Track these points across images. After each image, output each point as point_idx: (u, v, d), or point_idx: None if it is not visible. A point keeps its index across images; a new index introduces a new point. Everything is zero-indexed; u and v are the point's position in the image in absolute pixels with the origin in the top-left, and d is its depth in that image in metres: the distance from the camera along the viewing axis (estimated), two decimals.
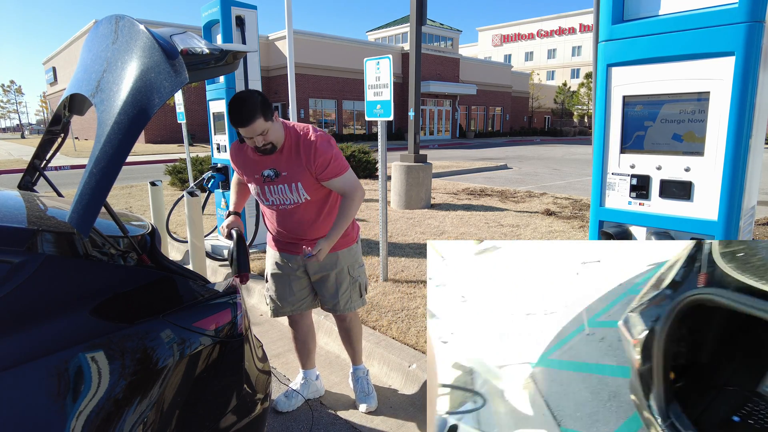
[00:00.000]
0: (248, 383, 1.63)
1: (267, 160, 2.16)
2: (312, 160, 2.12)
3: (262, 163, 2.18)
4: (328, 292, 2.41)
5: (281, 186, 2.18)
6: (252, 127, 1.97)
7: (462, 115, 38.48)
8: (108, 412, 1.19)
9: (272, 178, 2.17)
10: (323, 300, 2.46)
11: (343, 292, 2.40)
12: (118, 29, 1.49)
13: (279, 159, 2.16)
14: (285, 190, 2.18)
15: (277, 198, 2.21)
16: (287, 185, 2.17)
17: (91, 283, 1.34)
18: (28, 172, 2.22)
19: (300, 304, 2.46)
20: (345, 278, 2.40)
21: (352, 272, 2.42)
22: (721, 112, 1.74)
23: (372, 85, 3.90)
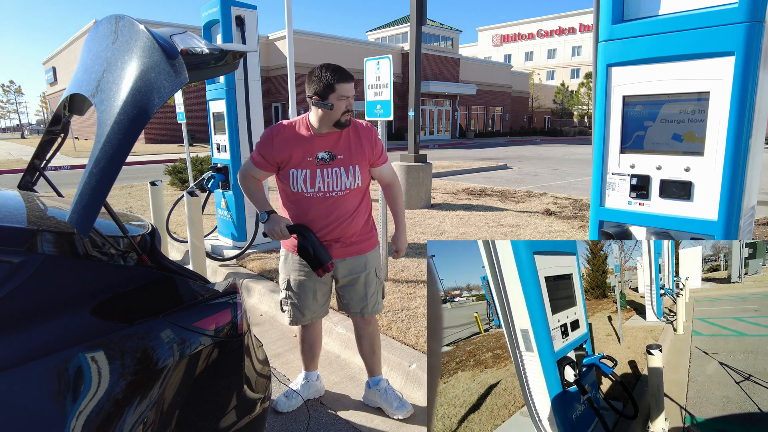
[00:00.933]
0: (248, 383, 1.63)
1: (321, 142, 2.11)
2: (373, 145, 2.20)
3: (317, 144, 2.11)
4: (357, 295, 2.33)
5: (337, 169, 2.11)
6: (353, 84, 2.07)
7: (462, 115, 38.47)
8: (108, 412, 1.19)
9: (326, 160, 2.10)
10: (350, 304, 2.37)
11: (371, 295, 2.35)
12: (118, 29, 1.49)
13: (335, 141, 2.13)
14: (341, 174, 2.12)
15: (330, 183, 2.12)
16: (344, 168, 2.12)
17: (91, 283, 1.34)
18: (28, 172, 2.22)
19: (321, 311, 2.40)
20: (373, 280, 2.35)
21: (378, 273, 2.40)
22: (721, 112, 1.74)
23: (372, 85, 3.90)
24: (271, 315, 3.83)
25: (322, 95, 2.01)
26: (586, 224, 6.24)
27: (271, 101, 28.72)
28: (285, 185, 2.17)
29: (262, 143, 2.14)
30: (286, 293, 2.35)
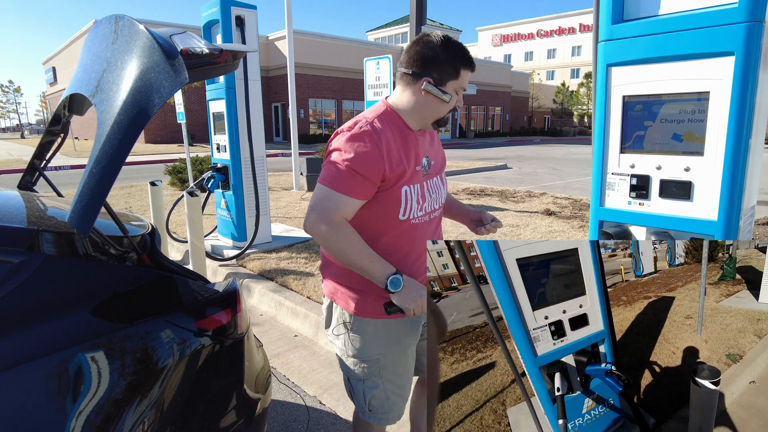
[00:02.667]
0: (248, 383, 1.63)
1: (421, 144, 1.53)
2: (441, 147, 1.72)
3: (420, 147, 1.52)
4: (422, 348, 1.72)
5: (436, 179, 1.60)
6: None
7: (462, 115, 38.47)
8: (108, 412, 1.19)
9: (426, 170, 1.54)
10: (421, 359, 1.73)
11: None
12: (117, 29, 1.49)
13: (429, 143, 1.60)
14: (439, 186, 1.62)
15: (434, 200, 1.57)
16: (439, 178, 1.62)
17: (91, 283, 1.34)
18: (28, 172, 2.22)
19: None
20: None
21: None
22: (720, 112, 1.74)
23: (372, 84, 3.90)
24: (271, 315, 3.83)
25: (440, 80, 1.41)
26: (586, 224, 6.24)
27: (271, 101, 28.72)
28: (385, 210, 1.44)
29: (367, 159, 1.35)
30: (381, 384, 1.56)
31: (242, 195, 4.92)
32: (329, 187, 1.36)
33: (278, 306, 3.82)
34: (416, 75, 1.41)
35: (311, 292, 3.86)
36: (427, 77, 1.40)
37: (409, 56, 1.42)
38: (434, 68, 1.40)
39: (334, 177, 1.36)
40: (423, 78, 1.40)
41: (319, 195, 1.37)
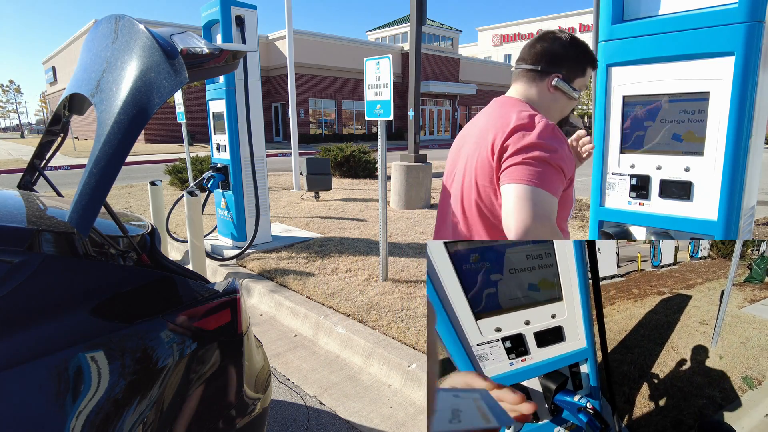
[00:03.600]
0: (248, 383, 1.63)
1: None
2: None
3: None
4: None
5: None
6: None
7: (462, 115, 38.46)
8: (108, 412, 1.19)
9: None
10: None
11: None
12: (117, 29, 1.49)
13: None
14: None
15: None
16: None
17: (91, 283, 1.34)
18: (27, 171, 2.22)
19: None
20: None
21: None
22: (720, 112, 1.74)
23: (372, 84, 3.90)
24: (271, 315, 3.83)
25: (568, 77, 1.36)
26: (585, 224, 6.23)
27: (271, 101, 28.71)
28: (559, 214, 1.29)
29: (567, 155, 1.23)
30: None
31: (242, 195, 4.92)
32: (542, 188, 1.14)
33: (278, 306, 3.82)
34: (544, 72, 1.35)
35: (311, 292, 3.86)
36: (556, 74, 1.35)
37: (534, 52, 1.36)
38: (563, 65, 1.35)
39: (543, 176, 1.15)
40: (553, 74, 1.35)
41: (534, 198, 1.12)
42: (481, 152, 1.27)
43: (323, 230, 5.93)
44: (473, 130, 1.38)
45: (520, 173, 1.15)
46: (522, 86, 1.39)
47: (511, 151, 1.19)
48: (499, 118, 1.28)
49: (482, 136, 1.29)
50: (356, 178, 11.29)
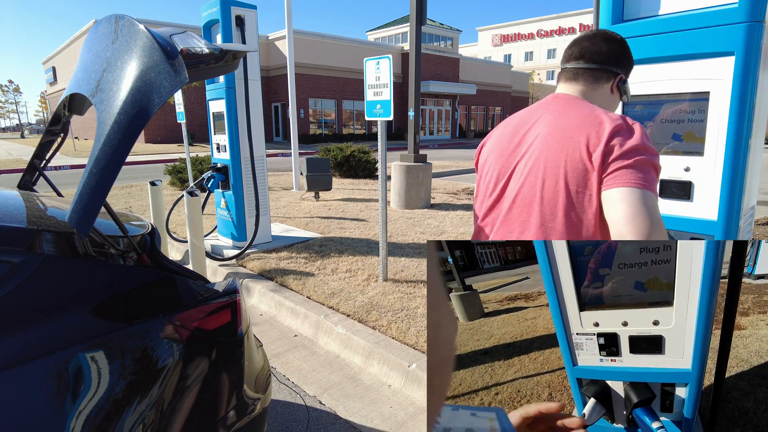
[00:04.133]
0: (248, 383, 1.63)
1: None
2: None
3: None
4: None
5: None
6: None
7: (462, 115, 38.47)
8: (108, 412, 1.19)
9: None
10: None
11: None
12: (117, 29, 1.49)
13: None
14: None
15: None
16: None
17: (91, 283, 1.34)
18: (27, 171, 2.22)
19: None
20: None
21: None
22: (720, 112, 1.74)
23: (372, 84, 3.90)
24: (271, 315, 3.83)
25: (625, 79, 1.37)
26: None
27: (271, 101, 28.71)
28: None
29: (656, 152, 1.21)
30: None
31: (242, 195, 4.92)
32: (653, 192, 1.10)
33: (278, 306, 3.82)
34: (610, 72, 1.32)
35: (311, 292, 3.86)
36: (621, 74, 1.33)
37: (601, 52, 1.32)
38: (624, 66, 1.34)
39: (653, 180, 1.11)
40: (618, 75, 1.33)
41: (649, 203, 1.07)
42: (571, 155, 1.18)
43: (323, 230, 5.93)
44: (543, 129, 1.26)
45: (633, 176, 1.09)
46: (584, 86, 1.34)
47: (616, 154, 1.12)
48: (585, 122, 1.20)
49: (567, 137, 1.20)
50: (356, 178, 11.30)
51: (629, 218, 1.03)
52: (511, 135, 1.33)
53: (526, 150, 1.26)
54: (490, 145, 1.39)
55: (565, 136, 1.20)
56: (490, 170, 1.35)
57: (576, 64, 1.33)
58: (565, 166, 1.17)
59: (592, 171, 1.13)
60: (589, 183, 1.14)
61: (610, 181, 1.10)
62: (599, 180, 1.13)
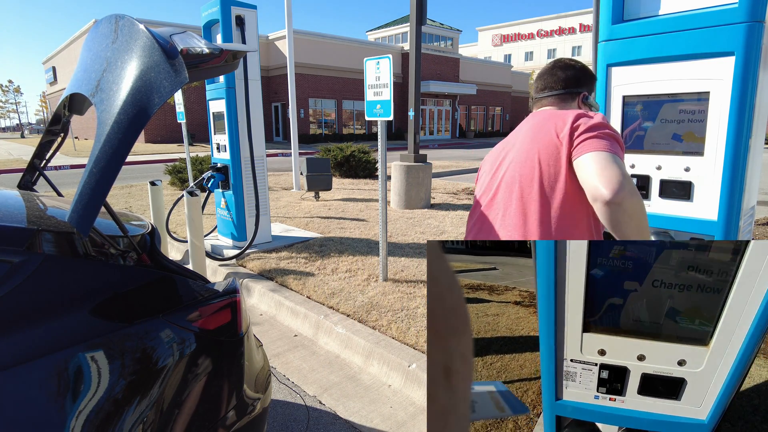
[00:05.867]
0: (248, 383, 1.63)
1: None
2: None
3: None
4: None
5: None
6: None
7: (462, 115, 38.46)
8: (108, 412, 1.19)
9: None
10: None
11: None
12: (118, 29, 1.49)
13: None
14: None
15: None
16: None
17: (91, 283, 1.34)
18: (28, 171, 2.22)
19: None
20: None
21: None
22: (720, 112, 1.74)
23: (372, 84, 3.90)
24: (271, 315, 3.83)
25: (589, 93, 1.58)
26: None
27: (271, 101, 28.71)
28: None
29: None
30: None
31: (242, 195, 4.92)
32: (619, 156, 1.22)
33: (278, 306, 3.82)
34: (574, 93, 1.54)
35: (311, 291, 3.86)
36: (583, 92, 1.54)
37: (559, 79, 1.54)
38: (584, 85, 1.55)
39: (618, 150, 1.24)
40: (581, 93, 1.54)
41: (617, 162, 1.18)
42: (543, 140, 1.35)
43: (323, 230, 5.93)
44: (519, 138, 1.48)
45: (598, 144, 1.23)
46: (555, 106, 1.55)
47: (581, 130, 1.29)
48: (553, 117, 1.40)
49: (539, 129, 1.40)
50: (356, 178, 11.29)
51: (599, 171, 1.14)
52: (501, 147, 1.56)
53: (509, 150, 1.49)
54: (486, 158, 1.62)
55: (538, 129, 1.40)
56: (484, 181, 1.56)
57: (543, 94, 1.56)
58: (538, 150, 1.36)
59: (560, 146, 1.30)
60: (559, 155, 1.30)
61: (578, 151, 1.25)
62: (568, 153, 1.29)
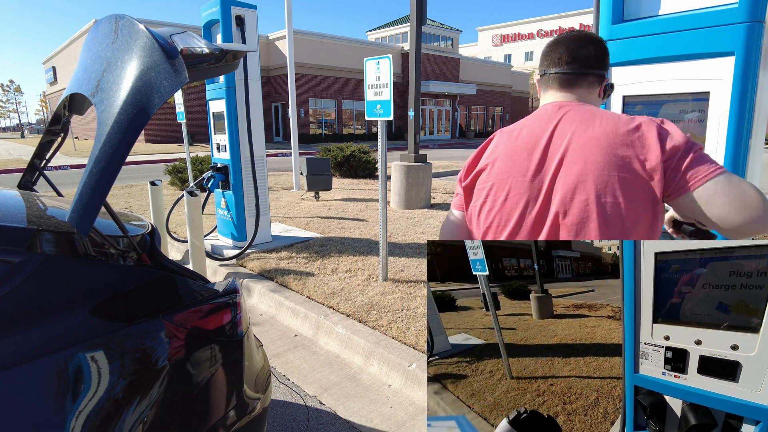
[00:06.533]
0: (248, 383, 1.63)
1: None
2: None
3: None
4: None
5: None
6: None
7: (462, 115, 38.46)
8: (108, 412, 1.19)
9: None
10: None
11: None
12: (118, 29, 1.49)
13: None
14: None
15: None
16: None
17: (91, 283, 1.34)
18: (28, 171, 2.22)
19: None
20: None
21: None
22: (720, 112, 1.74)
23: (372, 84, 3.90)
24: (271, 315, 3.83)
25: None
26: None
27: (271, 101, 28.71)
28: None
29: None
30: None
31: (242, 195, 4.92)
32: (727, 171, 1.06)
33: (278, 306, 3.82)
34: (601, 76, 1.26)
35: (311, 292, 3.86)
36: (607, 78, 1.28)
37: (590, 55, 1.24)
38: (607, 68, 1.28)
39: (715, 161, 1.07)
40: (605, 79, 1.28)
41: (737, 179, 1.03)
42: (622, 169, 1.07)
43: (323, 230, 5.93)
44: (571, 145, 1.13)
45: (706, 168, 1.03)
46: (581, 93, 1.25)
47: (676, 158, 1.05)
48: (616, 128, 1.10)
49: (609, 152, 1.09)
50: (356, 178, 11.29)
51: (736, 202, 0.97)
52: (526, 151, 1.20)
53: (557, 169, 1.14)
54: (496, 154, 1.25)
55: (607, 152, 1.09)
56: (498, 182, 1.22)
57: (569, 69, 1.24)
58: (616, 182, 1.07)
59: (650, 181, 1.05)
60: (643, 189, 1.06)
61: (689, 184, 1.03)
62: (663, 189, 1.05)
